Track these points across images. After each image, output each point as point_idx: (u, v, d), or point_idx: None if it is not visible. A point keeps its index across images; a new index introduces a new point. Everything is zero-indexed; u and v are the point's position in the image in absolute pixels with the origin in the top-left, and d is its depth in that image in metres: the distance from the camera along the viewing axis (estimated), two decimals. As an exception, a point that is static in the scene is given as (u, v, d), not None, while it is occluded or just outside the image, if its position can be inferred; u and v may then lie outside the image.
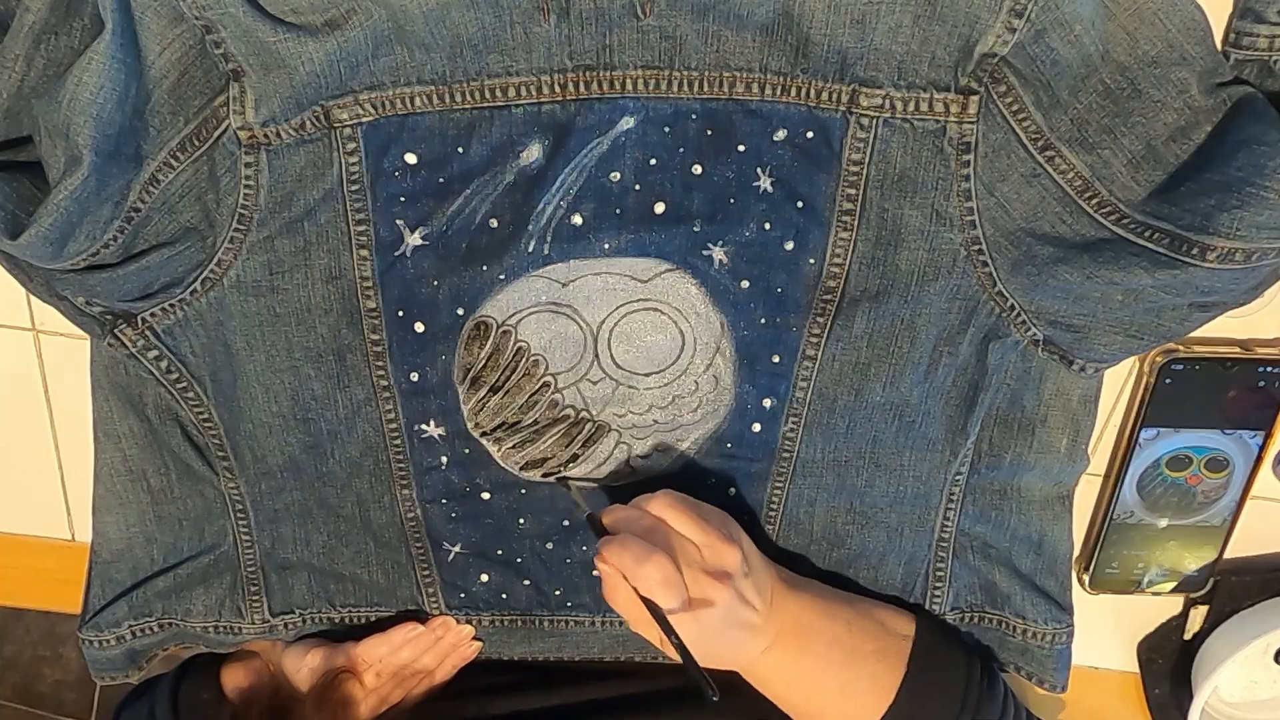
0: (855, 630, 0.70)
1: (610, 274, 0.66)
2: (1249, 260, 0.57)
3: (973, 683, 0.71)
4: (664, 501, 0.65)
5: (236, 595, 0.77)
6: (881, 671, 0.69)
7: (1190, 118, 0.58)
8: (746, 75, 0.61)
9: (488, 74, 0.61)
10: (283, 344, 0.68)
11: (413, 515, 0.74)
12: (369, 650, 0.75)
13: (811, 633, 0.69)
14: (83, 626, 0.79)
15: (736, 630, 0.66)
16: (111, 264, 0.64)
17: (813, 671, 0.69)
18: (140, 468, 0.75)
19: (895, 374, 0.68)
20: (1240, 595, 0.79)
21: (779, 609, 0.68)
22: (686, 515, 0.65)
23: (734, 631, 0.66)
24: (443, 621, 0.77)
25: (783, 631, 0.68)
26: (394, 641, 0.75)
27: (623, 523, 0.65)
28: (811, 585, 0.72)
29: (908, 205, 0.63)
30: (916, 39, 0.58)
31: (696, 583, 0.63)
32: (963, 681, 0.70)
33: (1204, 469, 0.74)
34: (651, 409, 0.69)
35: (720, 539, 0.65)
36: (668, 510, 0.65)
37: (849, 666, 0.69)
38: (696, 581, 0.63)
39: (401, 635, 0.75)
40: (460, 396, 0.70)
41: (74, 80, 0.57)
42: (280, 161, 0.63)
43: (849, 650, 0.69)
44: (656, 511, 0.65)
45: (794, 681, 0.69)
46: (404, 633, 0.76)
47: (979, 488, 0.73)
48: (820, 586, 0.72)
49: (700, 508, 0.66)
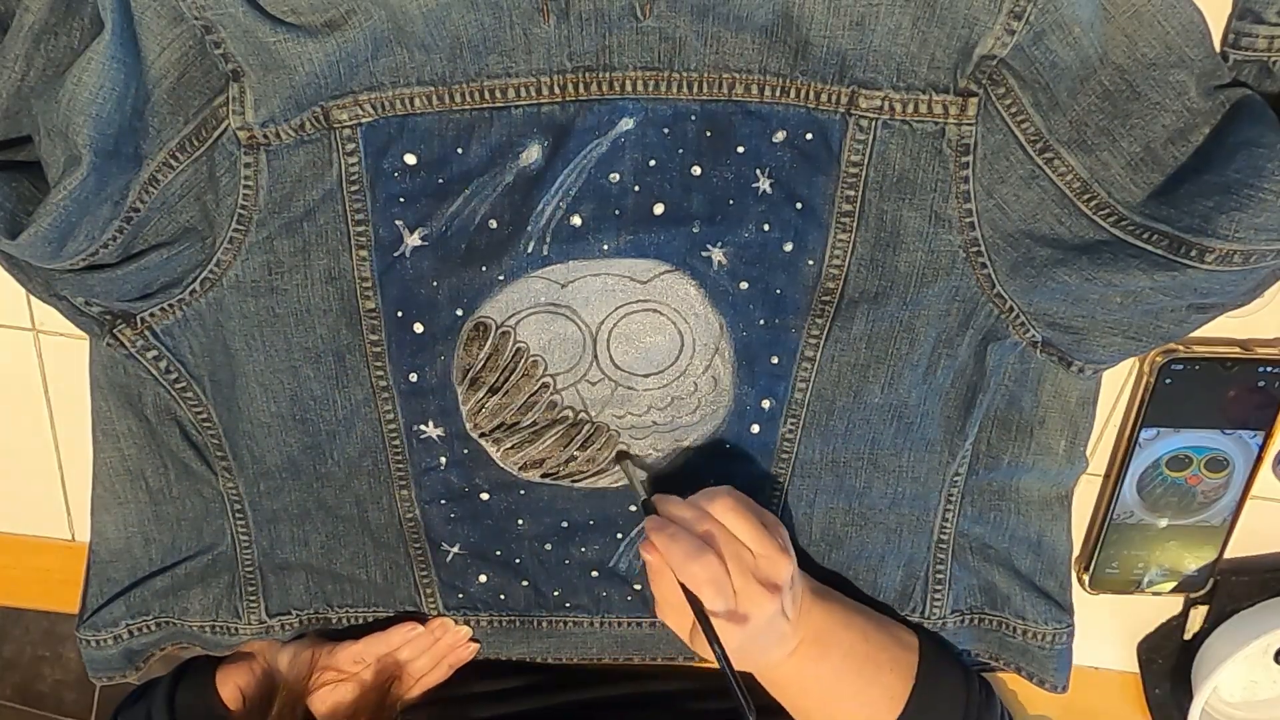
0: (871, 640, 0.70)
1: (609, 275, 0.66)
2: (1247, 262, 0.57)
3: (974, 694, 0.72)
4: (726, 503, 0.64)
5: (234, 595, 0.78)
6: (893, 681, 0.70)
7: (1189, 120, 0.58)
8: (746, 77, 0.61)
9: (487, 75, 0.61)
10: (282, 344, 0.68)
11: (411, 516, 0.74)
12: (366, 649, 0.75)
13: (831, 642, 0.69)
14: (80, 626, 0.79)
15: (771, 639, 0.66)
16: (110, 264, 0.64)
17: (829, 679, 0.69)
18: (139, 467, 0.75)
19: (894, 375, 0.68)
20: (1240, 595, 0.79)
21: (805, 618, 0.68)
22: (747, 520, 0.64)
23: (768, 640, 0.66)
24: (441, 622, 0.77)
25: (805, 640, 0.68)
26: (392, 641, 0.75)
27: (680, 519, 0.64)
28: (832, 594, 0.72)
29: (907, 207, 0.63)
30: (915, 41, 0.58)
31: (748, 591, 0.63)
32: (964, 693, 0.71)
33: (1204, 469, 0.74)
34: (650, 410, 0.69)
35: (777, 549, 0.64)
36: (729, 514, 0.64)
37: (863, 675, 0.69)
38: (748, 589, 0.63)
39: (400, 635, 0.75)
40: (459, 397, 0.70)
41: (73, 80, 0.57)
42: (280, 162, 0.63)
43: (864, 660, 0.69)
44: (718, 514, 0.64)
45: (809, 689, 0.69)
46: (402, 633, 0.76)
47: (977, 489, 0.73)
48: (838, 595, 0.72)
49: (761, 513, 0.66)
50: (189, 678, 0.78)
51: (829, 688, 0.69)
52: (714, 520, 0.64)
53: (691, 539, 0.62)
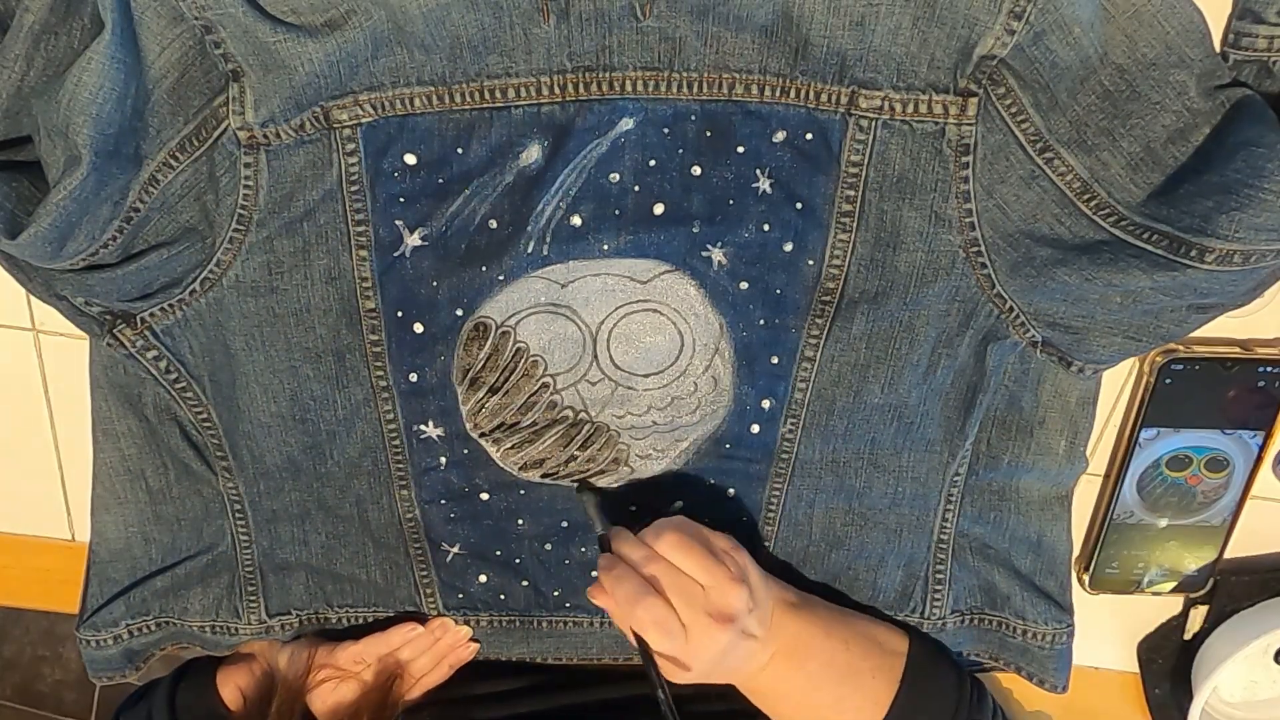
0: (852, 648, 0.70)
1: (609, 275, 0.66)
2: (1247, 262, 0.57)
3: (963, 700, 0.71)
4: (672, 540, 0.65)
5: (234, 595, 0.78)
6: (877, 688, 0.70)
7: (1189, 120, 0.58)
8: (746, 77, 0.61)
9: (487, 75, 0.61)
10: (282, 344, 0.68)
11: (411, 516, 0.74)
12: (367, 649, 0.75)
13: (808, 651, 0.69)
14: (80, 626, 0.79)
15: (736, 660, 0.66)
16: (110, 264, 0.64)
17: (806, 688, 0.69)
18: (139, 467, 0.75)
19: (894, 375, 0.68)
20: (1240, 595, 0.79)
21: (778, 630, 0.68)
22: (693, 554, 0.64)
23: (733, 662, 0.66)
24: (441, 623, 0.77)
25: (780, 651, 0.68)
26: (392, 641, 0.75)
27: (628, 559, 0.65)
28: (812, 602, 0.72)
29: (907, 207, 0.63)
30: (915, 41, 0.58)
31: (697, 624, 0.63)
32: (954, 698, 0.71)
33: (1204, 469, 0.74)
34: (650, 410, 0.69)
35: (727, 579, 0.64)
36: (675, 550, 0.64)
37: (844, 683, 0.69)
38: (697, 623, 0.63)
39: (400, 635, 0.75)
40: (459, 397, 0.70)
41: (73, 80, 0.57)
42: (280, 162, 0.63)
43: (844, 668, 0.69)
44: (665, 551, 0.64)
45: (787, 696, 0.69)
46: (403, 633, 0.76)
47: (977, 489, 0.73)
48: (820, 603, 0.72)
49: (709, 541, 0.66)
50: (190, 678, 0.78)
51: (806, 697, 0.69)
52: (660, 560, 0.64)
53: (637, 581, 0.63)
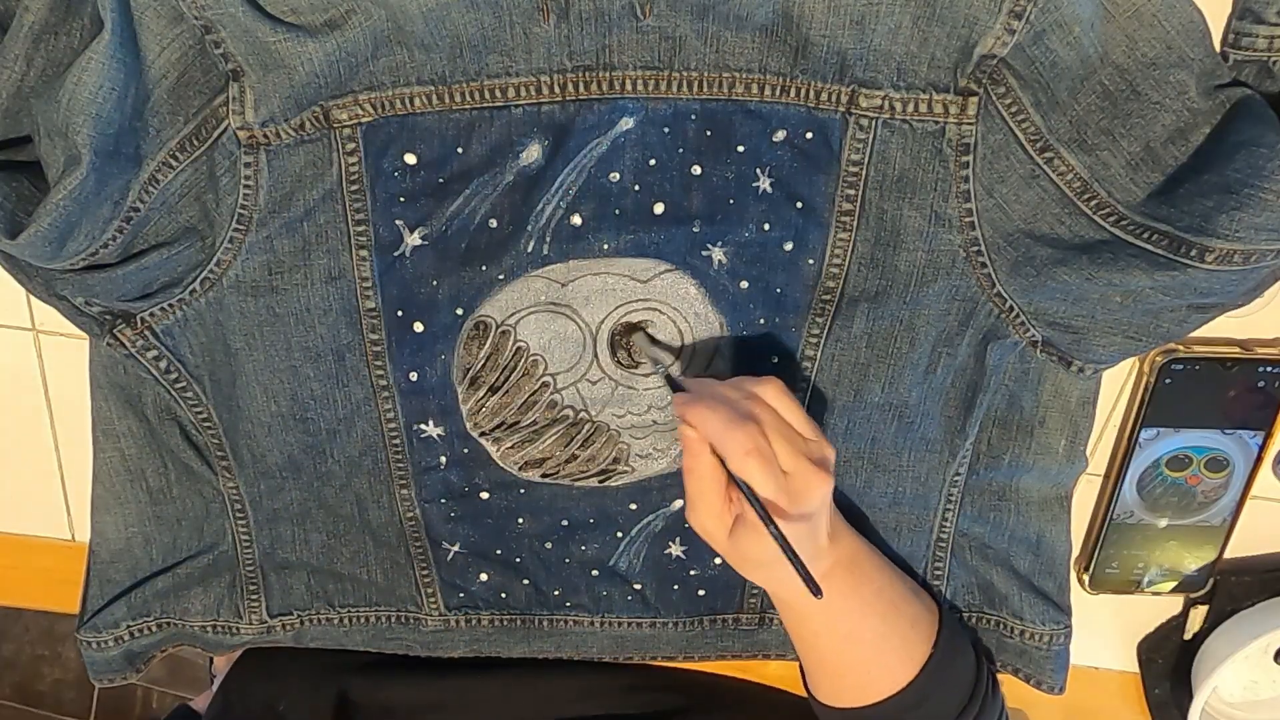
0: (898, 588, 0.68)
1: (609, 274, 0.66)
2: (1247, 262, 0.57)
3: (982, 678, 0.70)
4: (777, 386, 0.58)
5: (235, 595, 0.78)
6: (913, 639, 0.66)
7: (1189, 119, 0.58)
8: (746, 76, 0.61)
9: (487, 74, 0.61)
10: (282, 344, 0.68)
11: (412, 515, 0.74)
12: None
13: (864, 575, 0.65)
14: (81, 627, 0.79)
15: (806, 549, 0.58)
16: (110, 264, 0.64)
17: (856, 615, 0.64)
18: (139, 467, 0.75)
19: (894, 374, 0.68)
20: (1240, 595, 0.79)
21: (838, 540, 0.63)
22: (795, 407, 0.58)
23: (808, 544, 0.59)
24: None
25: (839, 564, 0.63)
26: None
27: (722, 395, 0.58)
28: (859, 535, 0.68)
29: (907, 206, 0.63)
30: (916, 40, 0.58)
31: (799, 469, 0.56)
32: (974, 675, 0.70)
33: (1204, 469, 0.74)
34: (650, 409, 0.69)
35: (824, 437, 0.59)
36: (779, 397, 0.58)
37: (887, 622, 0.66)
38: (799, 468, 0.56)
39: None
40: (459, 396, 0.70)
41: (73, 80, 0.57)
42: (280, 162, 0.63)
43: (891, 605, 0.66)
44: (766, 395, 0.58)
45: (834, 624, 0.64)
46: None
47: (977, 488, 0.73)
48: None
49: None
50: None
51: (854, 625, 0.64)
52: (760, 400, 0.58)
53: (731, 408, 0.56)
